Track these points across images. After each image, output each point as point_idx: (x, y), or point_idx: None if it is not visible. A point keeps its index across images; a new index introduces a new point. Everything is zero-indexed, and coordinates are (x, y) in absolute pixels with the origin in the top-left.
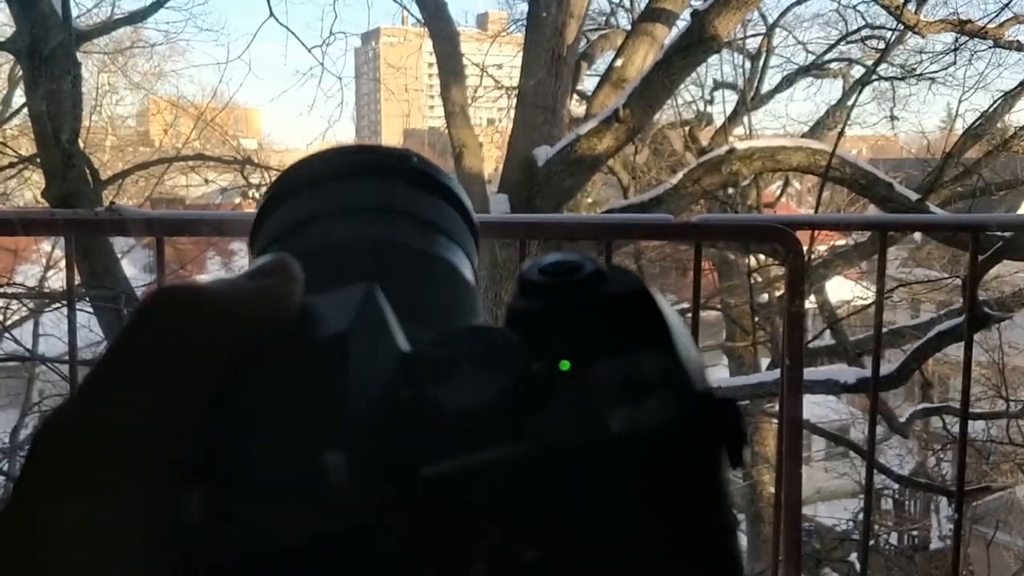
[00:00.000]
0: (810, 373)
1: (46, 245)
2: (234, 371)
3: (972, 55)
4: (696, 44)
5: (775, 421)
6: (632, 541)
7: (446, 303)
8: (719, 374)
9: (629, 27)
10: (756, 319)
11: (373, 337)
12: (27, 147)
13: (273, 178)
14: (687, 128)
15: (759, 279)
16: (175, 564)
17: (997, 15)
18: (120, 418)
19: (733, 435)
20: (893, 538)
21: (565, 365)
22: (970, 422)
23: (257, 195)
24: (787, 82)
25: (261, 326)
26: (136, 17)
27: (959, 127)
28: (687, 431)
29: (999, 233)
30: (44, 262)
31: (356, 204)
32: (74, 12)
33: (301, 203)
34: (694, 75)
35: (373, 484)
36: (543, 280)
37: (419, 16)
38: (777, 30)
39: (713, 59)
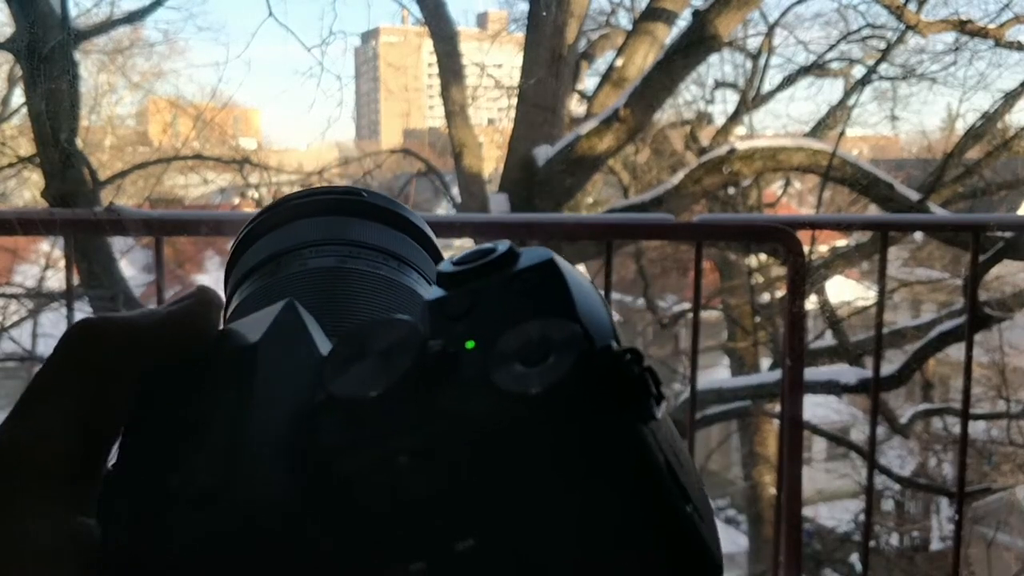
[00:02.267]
0: (811, 373)
1: (45, 245)
2: (150, 390)
3: (973, 55)
4: (697, 44)
5: (776, 421)
6: (551, 506)
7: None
8: (720, 374)
9: (630, 27)
10: (757, 319)
11: (289, 346)
12: (26, 147)
13: (269, 178)
14: (688, 128)
15: (760, 279)
16: None
17: (998, 15)
18: (41, 441)
19: (637, 384)
20: (894, 539)
21: (470, 344)
22: (971, 423)
23: (256, 195)
24: (788, 82)
25: (175, 348)
26: (135, 16)
27: (960, 127)
28: (578, 387)
29: (1000, 233)
30: (43, 262)
31: (308, 240)
32: (73, 12)
33: (262, 246)
34: (695, 75)
35: (286, 488)
36: (454, 269)
37: (419, 15)
38: (778, 29)
39: (714, 59)
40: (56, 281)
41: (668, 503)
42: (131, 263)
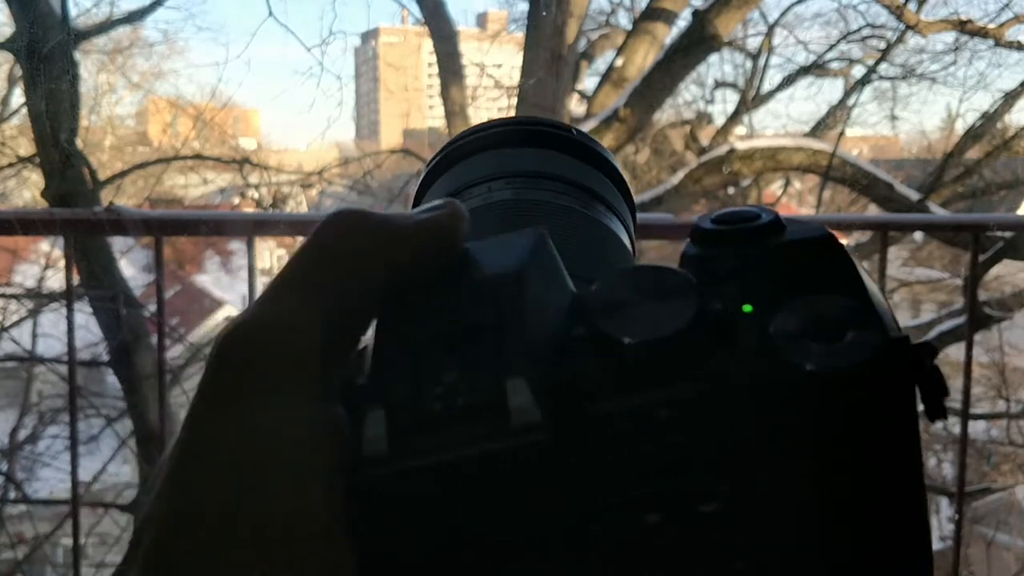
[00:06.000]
0: None
1: (45, 245)
2: (402, 295)
3: (972, 55)
4: (697, 43)
5: None
6: (811, 483)
7: (605, 261)
8: None
9: (630, 27)
10: None
11: (545, 276)
12: (26, 147)
13: (269, 178)
14: (688, 128)
15: None
16: (351, 480)
17: (997, 15)
18: (294, 323)
19: (932, 381)
20: None
21: (747, 308)
22: (971, 423)
23: (256, 195)
24: (788, 82)
25: (426, 255)
26: (135, 16)
27: (959, 127)
28: (881, 374)
29: (1000, 233)
30: (43, 262)
31: (517, 170)
32: (73, 12)
33: (463, 169)
34: (695, 74)
35: (553, 413)
36: (718, 228)
37: (419, 15)
38: (777, 29)
39: (714, 58)
40: (56, 281)
41: (923, 496)
42: (131, 263)
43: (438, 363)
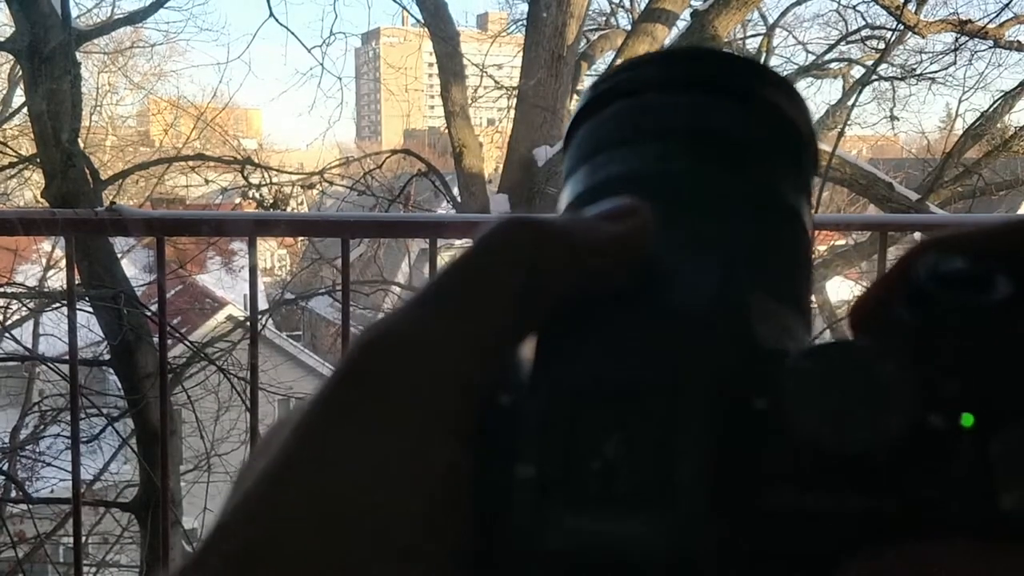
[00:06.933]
0: None
1: (46, 245)
2: (567, 324)
3: (972, 55)
4: (696, 44)
5: None
6: None
7: (801, 278)
8: None
9: (629, 27)
10: None
11: (732, 324)
12: (27, 147)
13: (270, 178)
14: None
15: None
16: (473, 535)
17: (997, 15)
18: (435, 346)
19: None
20: None
21: (968, 421)
22: None
23: (258, 195)
24: None
25: (604, 277)
26: (136, 17)
27: (959, 127)
28: None
29: None
30: (44, 262)
31: (702, 127)
32: (74, 12)
33: (636, 111)
34: None
35: (717, 505)
36: (940, 293)
37: (419, 16)
38: (777, 30)
39: None
40: (57, 281)
41: None
42: (132, 263)
43: (599, 424)
